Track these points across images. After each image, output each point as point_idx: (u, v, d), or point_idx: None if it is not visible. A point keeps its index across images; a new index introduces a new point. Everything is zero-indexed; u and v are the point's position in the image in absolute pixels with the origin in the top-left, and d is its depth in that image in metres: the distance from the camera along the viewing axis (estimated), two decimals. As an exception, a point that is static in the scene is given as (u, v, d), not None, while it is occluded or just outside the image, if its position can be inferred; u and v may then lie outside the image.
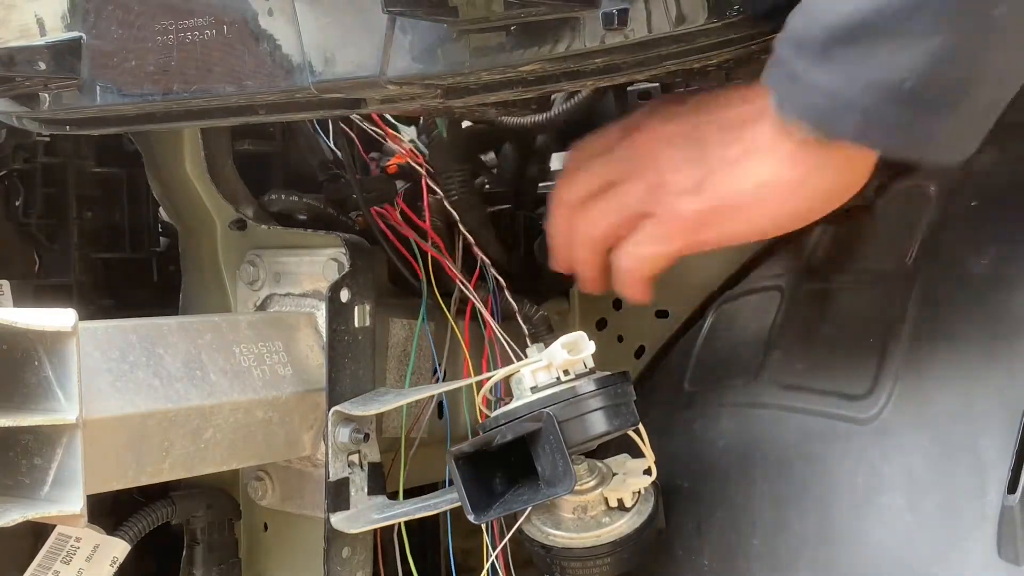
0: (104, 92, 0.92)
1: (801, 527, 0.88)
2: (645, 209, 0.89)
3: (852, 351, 0.92)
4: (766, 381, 0.97)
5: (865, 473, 0.86)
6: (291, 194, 1.14)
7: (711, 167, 0.85)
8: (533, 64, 0.76)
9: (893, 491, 0.84)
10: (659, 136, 0.89)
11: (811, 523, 0.88)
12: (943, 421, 0.83)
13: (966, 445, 0.82)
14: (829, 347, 0.95)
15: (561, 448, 0.85)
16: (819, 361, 0.95)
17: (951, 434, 0.83)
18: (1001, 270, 0.85)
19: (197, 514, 1.11)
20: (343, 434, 0.97)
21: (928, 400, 0.85)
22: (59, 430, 0.78)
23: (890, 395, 0.87)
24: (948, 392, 0.84)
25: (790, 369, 0.96)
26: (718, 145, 0.85)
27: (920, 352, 0.87)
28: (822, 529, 0.87)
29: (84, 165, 1.23)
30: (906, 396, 0.86)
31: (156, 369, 0.91)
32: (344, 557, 1.00)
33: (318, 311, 1.04)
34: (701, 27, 0.72)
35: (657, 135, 0.89)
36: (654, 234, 0.89)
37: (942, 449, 0.83)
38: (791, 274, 1.04)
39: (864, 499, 0.86)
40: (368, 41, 0.79)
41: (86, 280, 1.22)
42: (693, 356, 1.08)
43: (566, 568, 0.94)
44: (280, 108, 0.90)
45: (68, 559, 0.98)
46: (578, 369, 0.90)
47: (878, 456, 0.86)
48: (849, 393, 0.90)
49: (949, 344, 0.86)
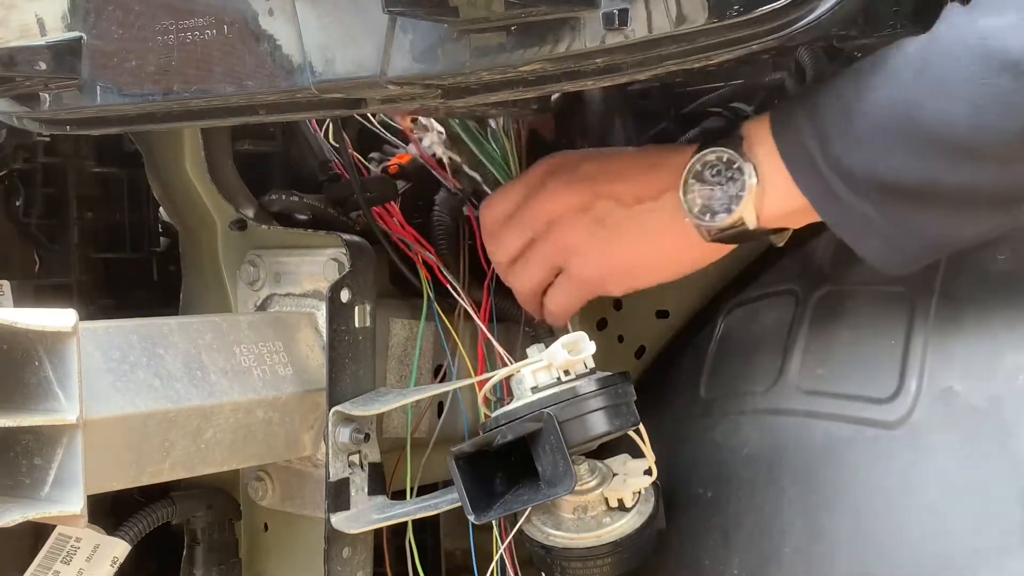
0: (104, 92, 0.92)
1: (834, 534, 0.88)
2: (559, 265, 0.98)
3: (874, 353, 0.91)
4: (788, 387, 0.97)
5: (897, 477, 0.86)
6: (291, 194, 1.14)
7: (612, 233, 0.94)
8: (533, 64, 0.76)
9: (927, 495, 0.84)
10: (561, 206, 0.95)
11: (844, 530, 0.87)
12: (972, 422, 0.83)
13: (997, 446, 0.82)
14: (850, 350, 0.94)
15: (561, 448, 0.85)
16: (841, 365, 0.94)
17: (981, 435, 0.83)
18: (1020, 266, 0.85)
19: (197, 514, 1.11)
20: (343, 434, 0.97)
21: (955, 400, 0.85)
22: (59, 430, 0.78)
23: (916, 397, 0.87)
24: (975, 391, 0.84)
25: (812, 374, 0.96)
26: (617, 225, 0.93)
27: (943, 351, 0.88)
28: (856, 536, 0.87)
29: (84, 165, 1.23)
30: (933, 397, 0.86)
31: (156, 369, 0.90)
32: (344, 557, 1.00)
33: (318, 311, 1.04)
34: (701, 27, 0.71)
35: (559, 204, 0.96)
36: (567, 288, 0.98)
37: (973, 450, 0.83)
38: (805, 278, 1.04)
39: (898, 504, 0.85)
40: (368, 41, 0.79)
41: (86, 280, 1.22)
42: (707, 363, 1.07)
43: (566, 568, 0.94)
44: (280, 108, 0.90)
45: (68, 559, 0.98)
46: (578, 369, 0.90)
47: (909, 459, 0.86)
48: (875, 396, 0.89)
49: (972, 342, 0.86)
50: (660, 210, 0.91)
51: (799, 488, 0.91)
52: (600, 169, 0.96)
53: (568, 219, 0.95)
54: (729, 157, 0.86)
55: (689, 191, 0.88)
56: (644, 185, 0.92)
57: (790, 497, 0.92)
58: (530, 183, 0.99)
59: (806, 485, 0.90)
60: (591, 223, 0.94)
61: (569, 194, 0.95)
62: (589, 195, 0.94)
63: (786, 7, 0.71)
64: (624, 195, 0.93)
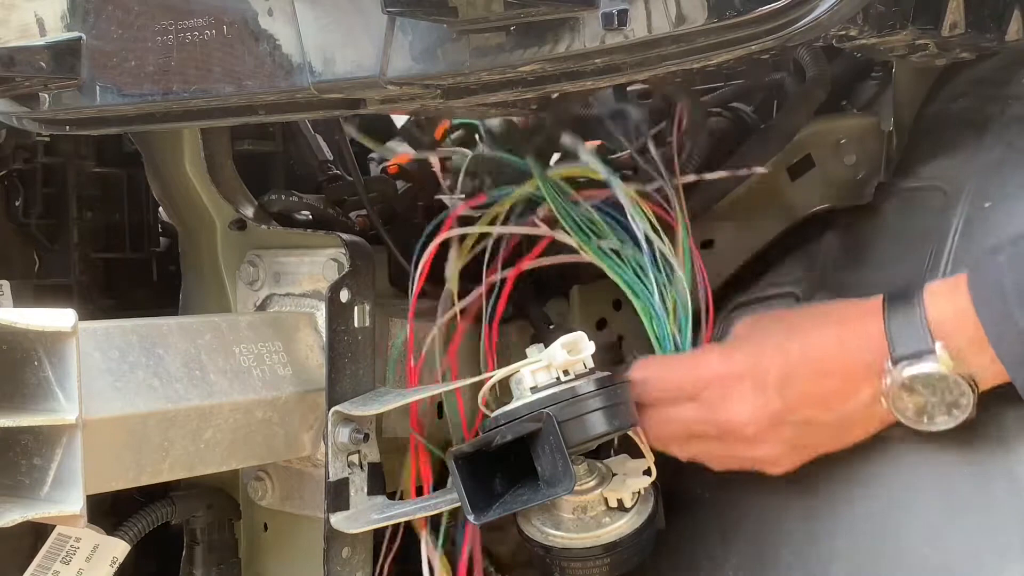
0: (104, 92, 0.92)
1: (832, 540, 0.88)
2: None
3: None
4: None
5: (900, 484, 0.86)
6: (291, 194, 1.14)
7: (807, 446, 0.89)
8: (533, 64, 0.76)
9: (929, 503, 0.84)
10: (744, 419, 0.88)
11: (842, 536, 0.88)
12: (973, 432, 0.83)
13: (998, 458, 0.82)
14: None
15: (561, 448, 0.85)
16: None
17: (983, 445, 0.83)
18: None
19: (197, 514, 1.11)
20: (343, 434, 0.97)
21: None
22: (59, 430, 0.78)
23: None
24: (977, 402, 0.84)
25: None
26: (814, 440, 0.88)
27: None
28: (854, 542, 0.87)
29: (84, 165, 1.23)
30: None
31: (156, 369, 0.90)
32: (344, 557, 0.99)
33: (318, 311, 1.04)
34: (701, 27, 0.72)
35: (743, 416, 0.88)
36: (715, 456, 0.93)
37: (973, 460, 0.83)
38: (806, 281, 1.04)
39: (899, 510, 0.85)
40: (368, 41, 0.79)
41: (86, 280, 1.22)
42: None
43: (566, 568, 0.94)
44: (280, 108, 0.90)
45: (68, 559, 0.98)
46: (578, 369, 0.90)
47: (911, 466, 0.86)
48: None
49: None
50: (864, 416, 0.86)
51: (800, 492, 0.91)
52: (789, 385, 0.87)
53: (760, 438, 0.89)
54: (940, 376, 0.81)
55: (898, 401, 0.83)
56: (842, 400, 0.86)
57: (790, 500, 0.91)
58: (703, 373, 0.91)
59: (806, 489, 0.90)
60: (789, 448, 0.89)
61: (762, 416, 0.88)
62: (787, 422, 0.88)
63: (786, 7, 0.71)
64: (823, 416, 0.87)
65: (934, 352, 0.81)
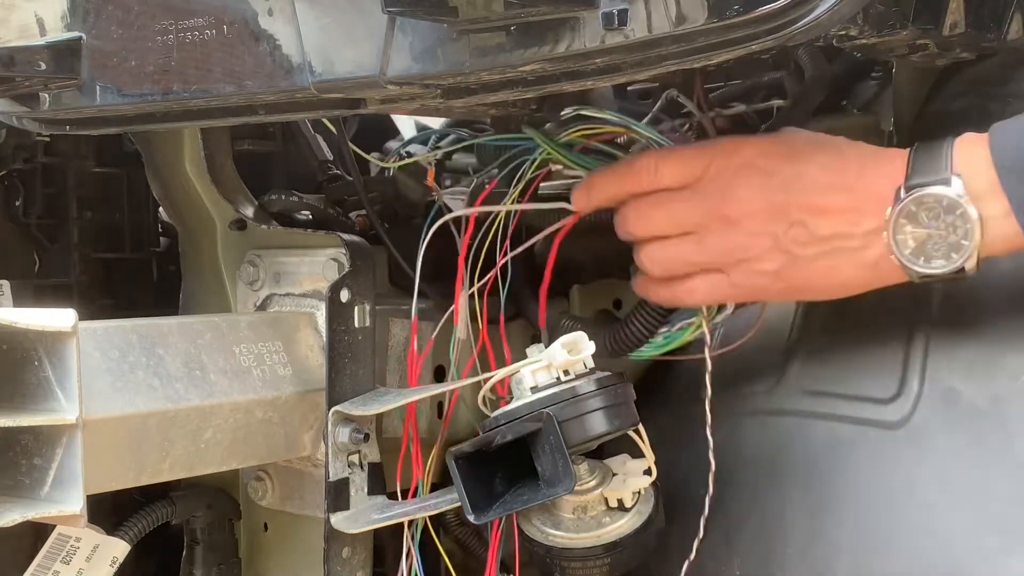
0: (104, 92, 0.92)
1: (837, 536, 0.88)
2: (719, 265, 0.89)
3: (875, 354, 0.92)
4: (789, 388, 0.97)
5: (899, 478, 0.86)
6: (291, 194, 1.14)
7: (796, 260, 0.86)
8: (533, 64, 0.76)
9: (929, 496, 0.84)
10: (747, 213, 0.86)
11: (846, 531, 0.87)
12: (974, 423, 0.83)
13: (1000, 447, 0.82)
14: (851, 351, 0.94)
15: (561, 448, 0.85)
16: (842, 365, 0.94)
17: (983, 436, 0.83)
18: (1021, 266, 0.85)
19: (197, 514, 1.11)
20: (343, 434, 0.97)
21: (957, 401, 0.85)
22: (59, 430, 0.78)
23: (918, 397, 0.87)
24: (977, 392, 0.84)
25: (813, 375, 0.96)
26: (807, 256, 0.85)
27: (945, 352, 0.88)
28: (859, 537, 0.87)
29: (84, 165, 1.23)
30: (934, 398, 0.86)
31: (156, 369, 0.91)
32: (344, 557, 1.00)
33: (318, 311, 1.04)
34: (701, 27, 0.72)
35: (745, 210, 0.86)
36: (719, 288, 0.90)
37: (975, 451, 0.83)
38: None
39: (900, 505, 0.85)
40: (368, 41, 0.79)
41: (86, 280, 1.22)
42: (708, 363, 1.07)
43: (566, 568, 0.94)
44: (280, 108, 0.90)
45: (68, 559, 0.98)
46: (578, 369, 0.90)
47: (911, 460, 0.86)
48: (876, 397, 0.90)
49: (974, 343, 0.86)
50: (860, 250, 0.84)
51: (801, 489, 0.91)
52: (799, 183, 0.85)
53: (752, 230, 0.86)
54: (950, 202, 0.79)
55: (899, 231, 0.81)
56: (844, 220, 0.84)
57: (792, 498, 0.92)
58: (716, 164, 0.88)
59: (809, 487, 0.91)
60: (777, 247, 0.86)
61: (761, 205, 0.86)
62: (783, 217, 0.85)
63: (785, 7, 0.71)
64: (821, 227, 0.84)
65: (950, 182, 0.78)
